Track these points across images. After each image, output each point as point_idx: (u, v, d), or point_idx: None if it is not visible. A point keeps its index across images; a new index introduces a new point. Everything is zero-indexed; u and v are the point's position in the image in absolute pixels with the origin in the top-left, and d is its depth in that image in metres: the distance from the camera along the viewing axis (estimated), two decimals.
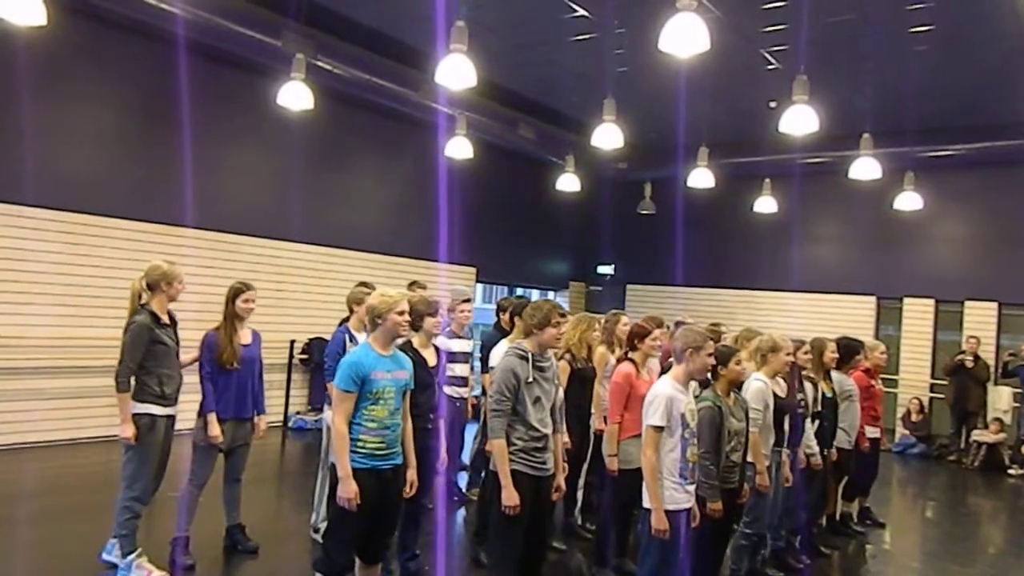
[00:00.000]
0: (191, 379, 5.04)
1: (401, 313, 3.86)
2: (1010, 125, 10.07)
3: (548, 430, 3.99)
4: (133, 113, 8.60)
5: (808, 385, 5.69)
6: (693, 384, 4.22)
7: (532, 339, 3.99)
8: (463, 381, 6.39)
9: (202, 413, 4.94)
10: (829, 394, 5.93)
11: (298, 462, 8.72)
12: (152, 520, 6.12)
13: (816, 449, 5.68)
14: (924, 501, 9.48)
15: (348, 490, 3.67)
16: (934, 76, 9.02)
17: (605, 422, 5.36)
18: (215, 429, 4.87)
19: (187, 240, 8.76)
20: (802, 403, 5.45)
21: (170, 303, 4.79)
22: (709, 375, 4.37)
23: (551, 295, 14.94)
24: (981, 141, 10.57)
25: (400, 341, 4.14)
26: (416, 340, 4.81)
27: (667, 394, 3.93)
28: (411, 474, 4.07)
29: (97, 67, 8.28)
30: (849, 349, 6.29)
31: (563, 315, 4.06)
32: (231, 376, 4.96)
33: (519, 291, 14.29)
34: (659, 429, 3.88)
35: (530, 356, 3.94)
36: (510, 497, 3.80)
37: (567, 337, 5.43)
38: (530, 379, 3.90)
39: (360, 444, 3.76)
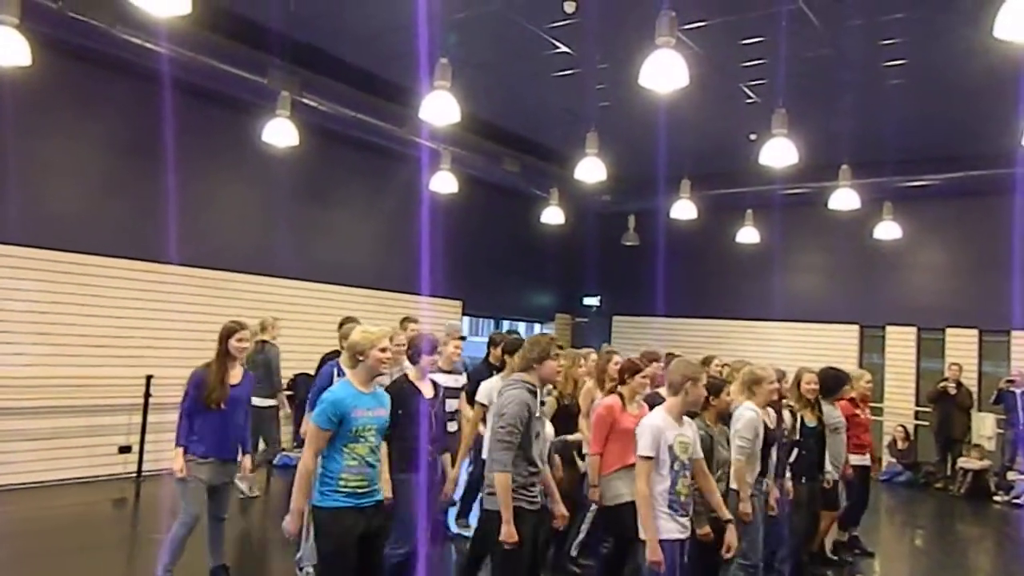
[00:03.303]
0: (172, 418, 4.98)
1: (383, 350, 3.82)
2: (984, 155, 10.25)
3: (542, 464, 4.01)
4: (118, 151, 8.61)
5: (787, 414, 5.69)
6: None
7: (532, 373, 4.00)
8: (454, 416, 6.36)
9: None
10: (813, 424, 5.92)
11: (284, 499, 8.60)
12: (134, 562, 6.04)
13: (788, 476, 5.67)
14: (912, 529, 9.48)
15: (293, 524, 3.72)
16: (909, 108, 9.19)
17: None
18: (179, 462, 4.83)
19: (173, 277, 8.73)
20: (785, 432, 5.46)
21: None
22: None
23: (537, 327, 14.96)
24: (956, 171, 10.74)
25: (385, 378, 4.15)
26: (411, 374, 4.84)
27: (655, 425, 3.94)
28: (387, 490, 4.14)
29: (82, 105, 8.31)
30: (836, 380, 6.31)
31: (560, 347, 4.11)
32: (216, 416, 4.89)
33: (506, 324, 14.30)
34: (647, 459, 3.87)
35: (536, 391, 3.98)
36: (510, 534, 3.78)
37: None
38: (537, 414, 3.96)
39: (343, 483, 3.72)
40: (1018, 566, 7.86)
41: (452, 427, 6.32)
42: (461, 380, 6.41)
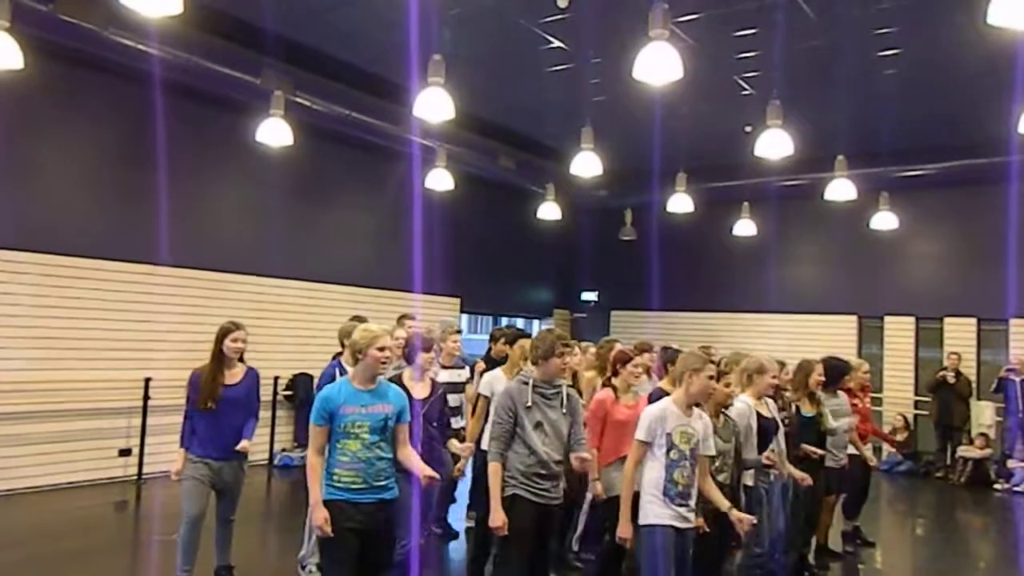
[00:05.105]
0: (171, 420, 4.98)
1: (381, 349, 3.85)
2: (979, 144, 10.24)
3: (557, 457, 4.02)
4: (112, 153, 8.57)
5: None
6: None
7: (538, 369, 4.10)
8: (456, 411, 6.34)
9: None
10: (810, 414, 5.91)
11: (285, 500, 8.62)
12: (137, 565, 6.04)
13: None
14: (913, 519, 9.49)
15: (318, 517, 3.74)
16: (904, 98, 9.18)
17: None
18: (177, 464, 4.92)
19: (168, 279, 8.72)
20: (787, 422, 5.45)
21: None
22: None
23: (536, 323, 14.94)
24: (953, 160, 10.73)
25: (390, 374, 4.17)
26: (406, 374, 4.84)
27: (653, 412, 4.02)
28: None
29: (74, 108, 8.27)
30: (838, 369, 6.31)
31: (567, 345, 4.12)
32: (209, 417, 4.88)
33: (504, 320, 14.30)
34: (641, 443, 4.00)
35: (531, 382, 4.04)
36: (496, 519, 3.88)
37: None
38: (529, 404, 3.99)
39: (336, 478, 3.77)
40: (1018, 554, 7.87)
41: (456, 423, 6.33)
42: (464, 375, 6.42)
